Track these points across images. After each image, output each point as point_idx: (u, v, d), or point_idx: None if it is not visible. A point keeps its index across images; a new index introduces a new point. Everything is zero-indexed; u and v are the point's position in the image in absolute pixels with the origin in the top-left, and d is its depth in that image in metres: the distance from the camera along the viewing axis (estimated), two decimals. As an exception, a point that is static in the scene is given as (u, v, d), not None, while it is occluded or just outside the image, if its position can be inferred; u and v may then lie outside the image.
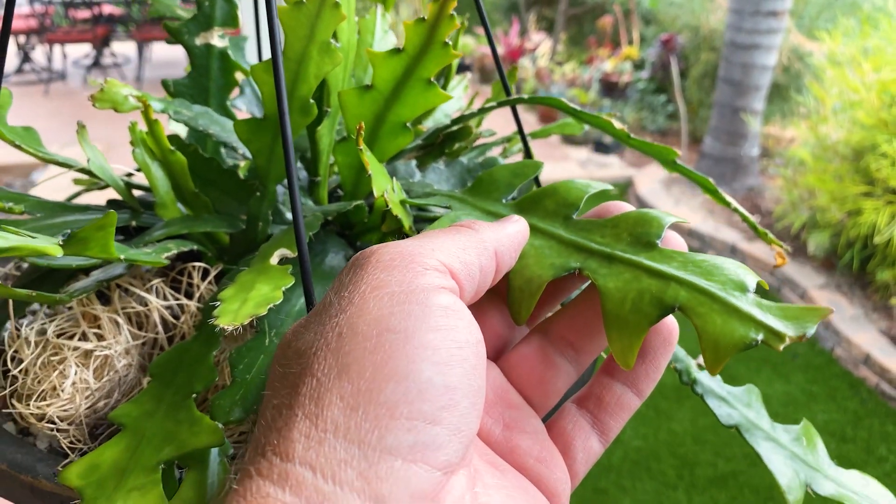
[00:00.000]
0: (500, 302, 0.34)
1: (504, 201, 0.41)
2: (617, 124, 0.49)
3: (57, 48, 5.85)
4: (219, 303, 0.35)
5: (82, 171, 0.51)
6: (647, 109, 4.96)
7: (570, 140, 4.87)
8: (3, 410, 0.41)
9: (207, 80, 0.58)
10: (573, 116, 0.51)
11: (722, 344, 0.26)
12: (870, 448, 2.16)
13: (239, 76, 0.64)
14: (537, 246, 0.34)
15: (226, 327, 0.32)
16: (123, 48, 7.03)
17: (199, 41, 0.58)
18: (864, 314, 2.74)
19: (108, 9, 6.19)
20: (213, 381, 0.35)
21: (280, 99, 0.36)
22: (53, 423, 0.38)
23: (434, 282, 0.26)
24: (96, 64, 5.84)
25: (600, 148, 4.62)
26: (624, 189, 4.18)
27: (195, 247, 0.46)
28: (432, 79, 0.45)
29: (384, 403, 0.22)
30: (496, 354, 0.34)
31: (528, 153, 0.60)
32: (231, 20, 0.59)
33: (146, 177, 0.47)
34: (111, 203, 0.53)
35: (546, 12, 7.10)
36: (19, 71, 6.00)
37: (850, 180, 2.85)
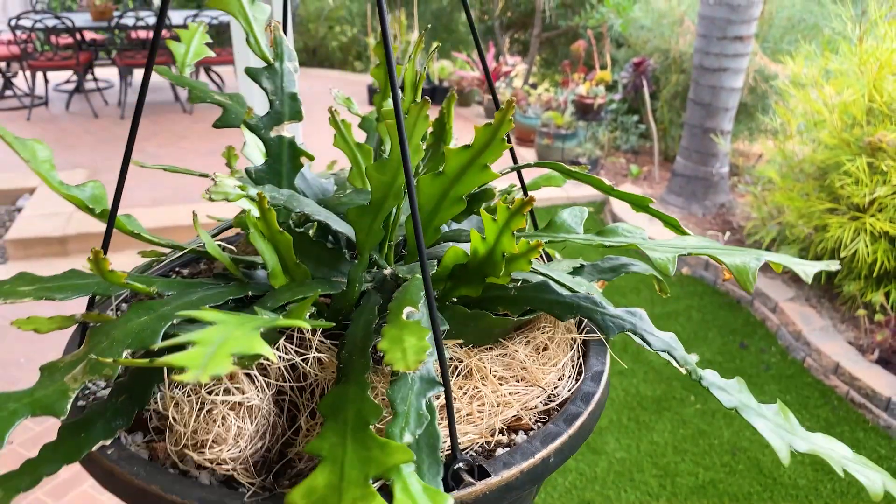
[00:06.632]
0: None
1: None
2: (607, 182, 0.67)
3: (39, 74, 5.87)
4: (383, 353, 0.48)
5: (193, 251, 0.63)
6: (620, 129, 5.14)
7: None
8: (168, 460, 0.52)
9: (280, 165, 0.71)
10: (567, 175, 0.68)
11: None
12: (840, 453, 2.30)
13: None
14: None
15: (401, 370, 0.45)
16: (106, 73, 7.05)
17: (272, 134, 0.70)
18: (833, 325, 2.89)
19: (90, 35, 6.22)
20: (381, 415, 0.47)
21: (413, 203, 0.50)
22: (227, 464, 0.49)
23: None
24: (78, 89, 5.86)
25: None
26: (600, 208, 4.33)
27: (314, 309, 0.58)
28: (488, 164, 0.60)
29: None
30: None
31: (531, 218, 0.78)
32: (296, 114, 0.71)
33: (260, 254, 0.59)
34: (218, 276, 0.65)
35: (520, 36, 7.29)
36: (1, 97, 6.03)
37: (816, 198, 3.01)
